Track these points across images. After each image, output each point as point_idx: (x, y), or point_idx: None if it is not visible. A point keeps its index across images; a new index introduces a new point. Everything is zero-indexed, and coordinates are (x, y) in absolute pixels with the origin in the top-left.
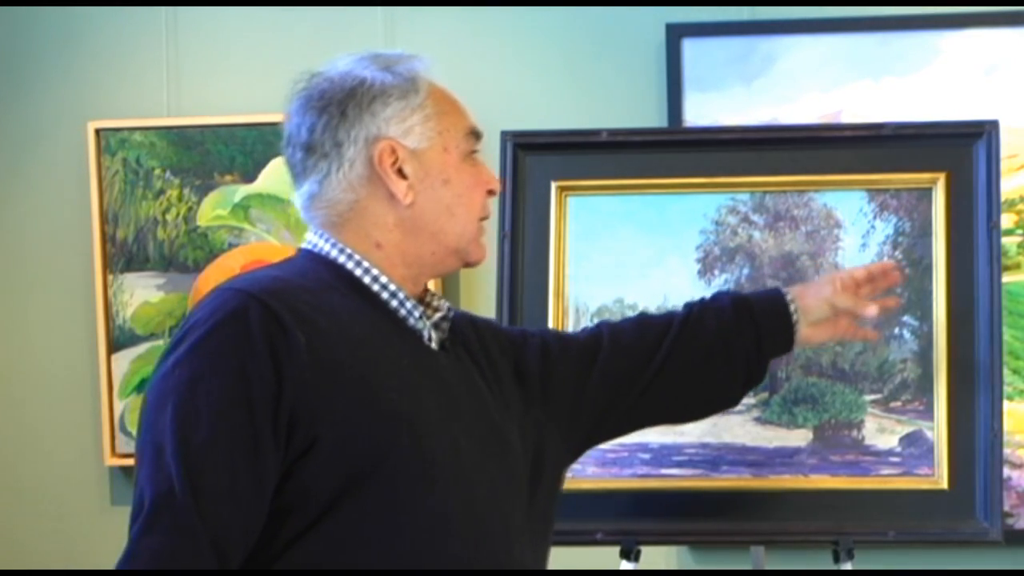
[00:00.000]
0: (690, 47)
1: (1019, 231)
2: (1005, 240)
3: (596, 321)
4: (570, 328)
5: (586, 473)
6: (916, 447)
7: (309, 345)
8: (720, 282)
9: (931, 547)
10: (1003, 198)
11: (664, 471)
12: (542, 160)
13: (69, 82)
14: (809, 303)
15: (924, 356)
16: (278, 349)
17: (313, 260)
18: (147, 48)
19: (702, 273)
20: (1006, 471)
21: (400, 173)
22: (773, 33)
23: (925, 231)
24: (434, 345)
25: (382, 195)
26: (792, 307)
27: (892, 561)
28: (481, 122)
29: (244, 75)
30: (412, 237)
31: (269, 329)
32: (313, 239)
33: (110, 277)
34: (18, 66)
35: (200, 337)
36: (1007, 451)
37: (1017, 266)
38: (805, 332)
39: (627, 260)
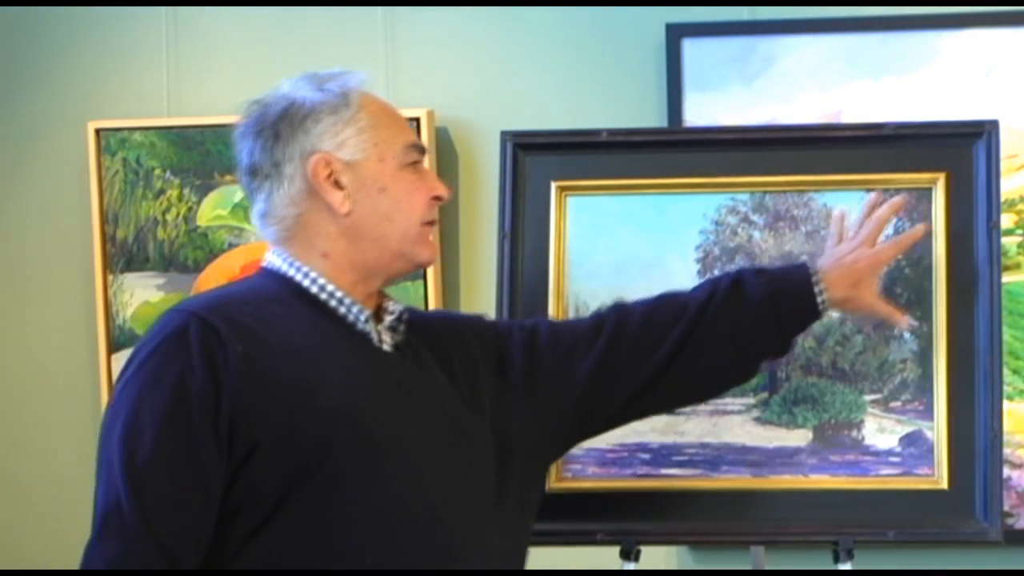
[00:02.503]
0: (690, 47)
1: (1019, 231)
2: (1005, 240)
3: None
4: None
5: (586, 473)
6: (916, 447)
7: (245, 355)
8: None
9: (931, 547)
10: (1003, 198)
11: (664, 471)
12: (542, 160)
13: (69, 82)
14: (835, 274)
15: (924, 356)
16: (215, 361)
17: (268, 276)
18: (147, 48)
19: (702, 273)
20: (1006, 471)
21: (336, 184)
22: (773, 33)
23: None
24: (386, 347)
25: (322, 207)
26: (817, 287)
27: (892, 561)
28: (481, 122)
29: (244, 75)
30: (355, 244)
31: (207, 342)
32: (270, 257)
33: (110, 277)
34: (18, 66)
35: (145, 357)
36: (1007, 451)
37: (1017, 266)
38: (841, 303)
39: (627, 260)
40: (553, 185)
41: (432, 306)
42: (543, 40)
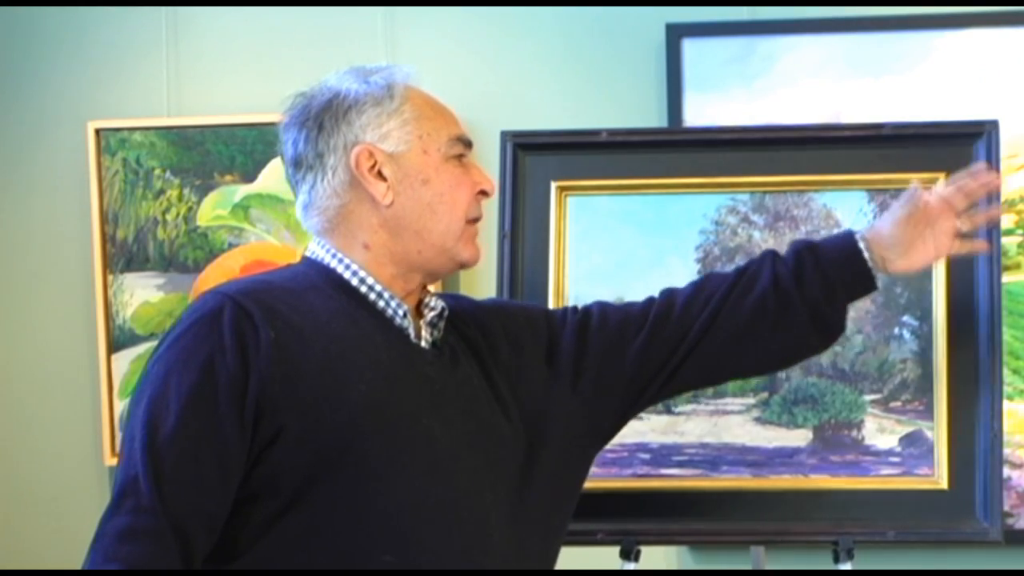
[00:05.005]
0: (690, 47)
1: (1019, 231)
2: (1005, 240)
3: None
4: None
5: None
6: (916, 447)
7: (277, 340)
8: None
9: (931, 547)
10: (1003, 198)
11: (664, 471)
12: (542, 160)
13: (69, 82)
14: (886, 235)
15: (924, 356)
16: (247, 344)
17: (309, 266)
18: (147, 48)
19: (702, 273)
20: (1006, 471)
21: (379, 175)
22: (773, 33)
23: None
24: (423, 343)
25: (365, 198)
26: (865, 253)
27: (892, 561)
28: (481, 122)
29: (244, 75)
30: (397, 236)
31: (240, 326)
32: (312, 247)
33: (110, 277)
34: (18, 66)
35: (177, 336)
36: (1007, 451)
37: (1017, 266)
38: (899, 263)
39: (627, 260)
40: (553, 185)
41: None
42: (543, 40)
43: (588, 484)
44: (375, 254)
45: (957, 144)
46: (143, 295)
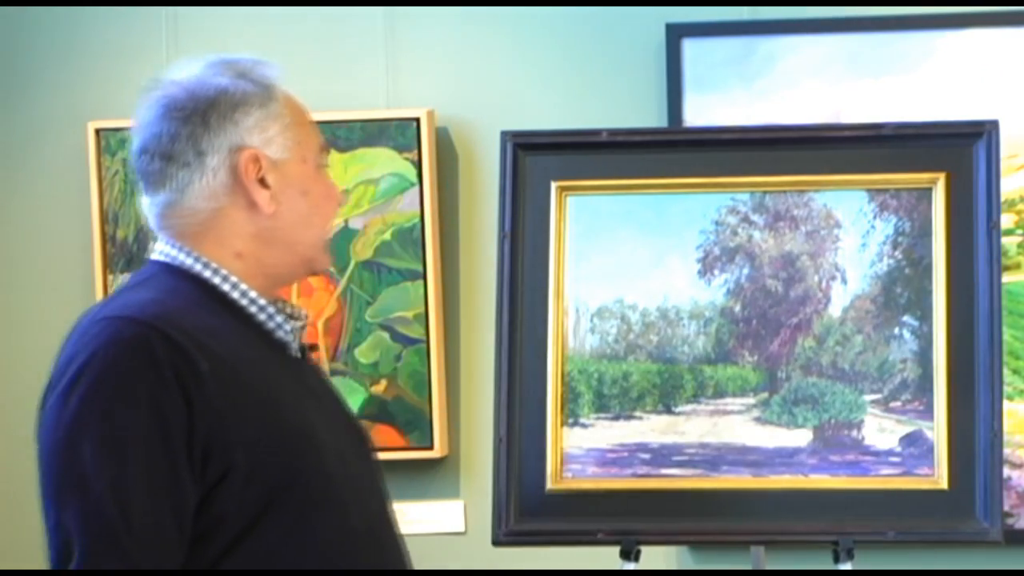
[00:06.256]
0: (690, 47)
1: (1019, 231)
2: (1005, 240)
3: (596, 321)
4: (569, 328)
5: (586, 473)
6: (916, 447)
7: (212, 372)
8: (720, 282)
9: (931, 547)
10: (1003, 198)
11: (664, 471)
12: (542, 160)
13: (69, 82)
14: None
15: (924, 356)
16: (186, 380)
17: (172, 274)
18: (147, 48)
19: (702, 273)
20: (1006, 471)
21: (263, 183)
22: (773, 33)
23: (925, 231)
24: (297, 355)
25: (243, 204)
26: None
27: (892, 561)
28: (481, 122)
29: None
30: (269, 247)
31: (173, 358)
32: (168, 250)
33: (110, 277)
34: (18, 66)
35: (103, 371)
36: (1007, 451)
37: (1017, 266)
38: None
39: (627, 260)
40: (553, 185)
41: (432, 306)
42: (543, 40)
43: (588, 484)
44: (247, 264)
45: (957, 144)
46: None
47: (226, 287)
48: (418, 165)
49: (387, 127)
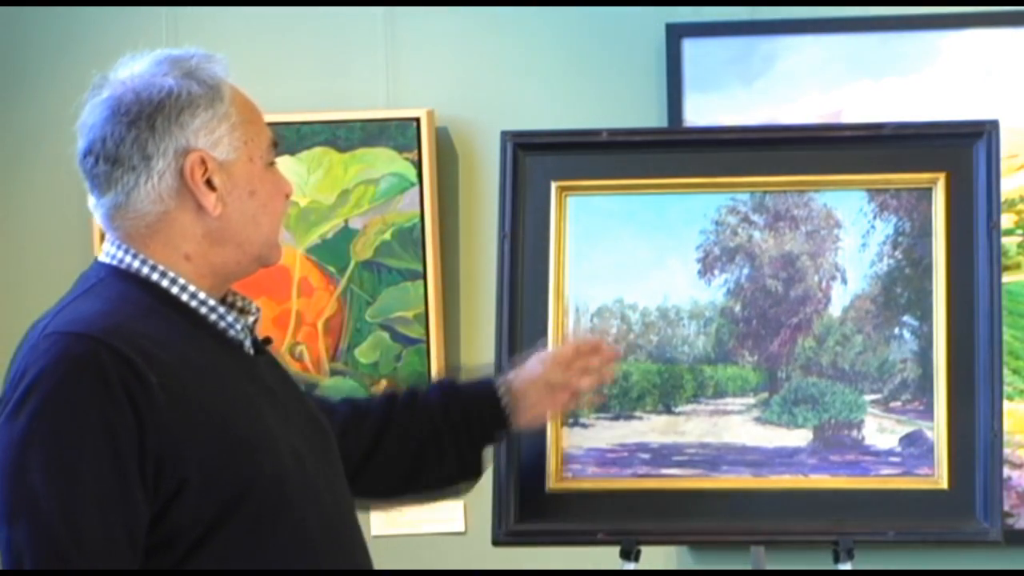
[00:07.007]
0: (690, 47)
1: (1019, 231)
2: (1005, 240)
3: (596, 321)
4: (569, 328)
5: (586, 473)
6: (916, 447)
7: (162, 385)
8: (720, 282)
9: (931, 547)
10: (1003, 198)
11: (664, 471)
12: (542, 160)
13: (69, 82)
14: (521, 387)
15: (924, 356)
16: (135, 395)
17: (121, 279)
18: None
19: (702, 273)
20: (1006, 471)
21: (209, 184)
22: (773, 33)
23: (925, 231)
24: (251, 351)
25: (191, 206)
26: (504, 399)
27: (892, 561)
28: (481, 122)
29: (243, 75)
30: (219, 248)
31: (123, 374)
32: (115, 252)
33: None
34: (18, 66)
35: (52, 389)
36: (1007, 451)
37: (1017, 266)
38: (525, 418)
39: (627, 260)
40: (553, 185)
41: (432, 306)
42: (543, 40)
43: (588, 484)
44: (196, 265)
45: (957, 144)
46: None
47: (175, 290)
48: (418, 165)
49: (387, 127)
